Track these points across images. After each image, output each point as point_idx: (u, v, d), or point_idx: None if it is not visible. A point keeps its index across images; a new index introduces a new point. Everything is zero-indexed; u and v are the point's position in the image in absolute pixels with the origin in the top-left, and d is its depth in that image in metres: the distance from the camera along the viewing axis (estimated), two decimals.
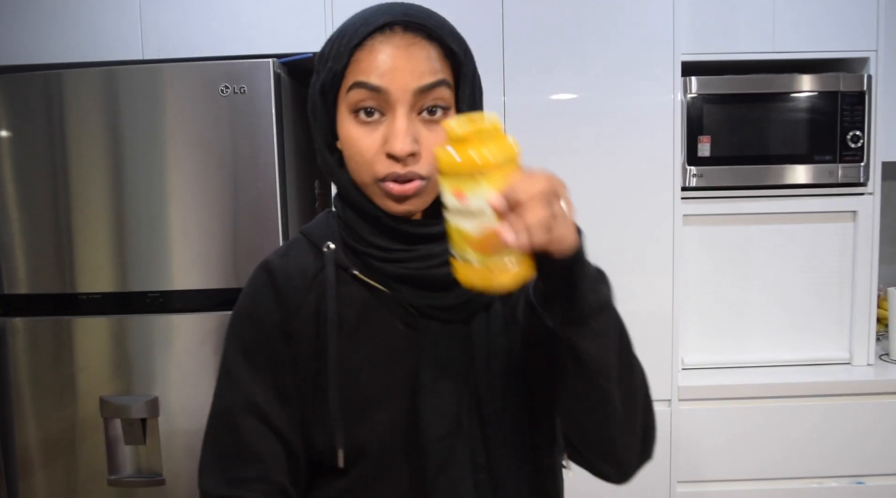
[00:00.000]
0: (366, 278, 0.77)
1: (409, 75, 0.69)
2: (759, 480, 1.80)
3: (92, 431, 1.67)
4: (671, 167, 1.70)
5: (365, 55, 0.70)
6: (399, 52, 0.70)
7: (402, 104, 0.70)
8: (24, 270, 1.67)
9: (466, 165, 0.59)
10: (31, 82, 1.63)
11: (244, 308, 0.80)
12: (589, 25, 1.68)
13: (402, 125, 0.70)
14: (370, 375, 0.75)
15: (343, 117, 0.73)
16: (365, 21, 0.71)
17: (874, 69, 1.80)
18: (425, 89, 0.70)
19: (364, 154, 0.71)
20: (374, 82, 0.69)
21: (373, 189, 0.73)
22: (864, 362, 1.87)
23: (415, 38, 0.71)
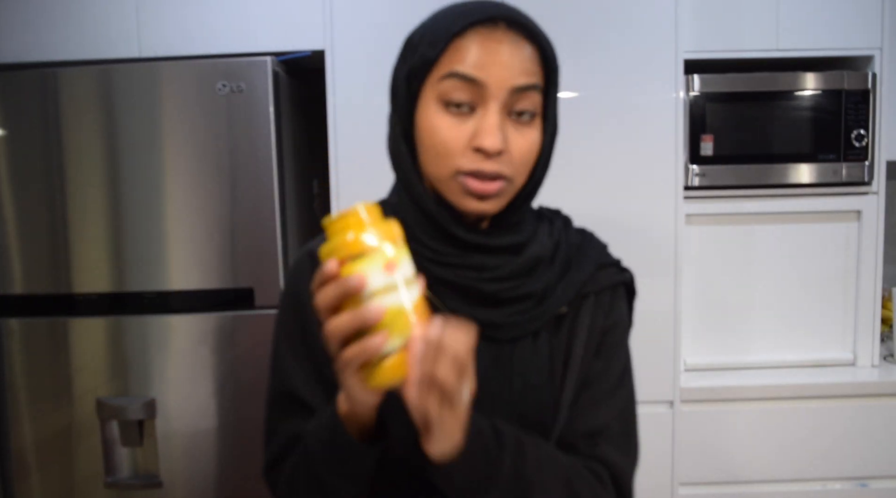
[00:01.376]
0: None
1: (509, 72, 0.68)
2: (762, 483, 1.79)
3: (88, 433, 1.65)
4: (673, 166, 1.69)
5: (465, 45, 0.68)
6: (502, 48, 0.68)
7: (497, 100, 0.68)
8: (20, 270, 1.65)
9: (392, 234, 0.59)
10: (27, 80, 1.62)
11: (285, 294, 0.82)
12: (590, 23, 1.67)
13: (496, 120, 0.68)
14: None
15: (428, 106, 0.70)
16: (467, 12, 0.69)
17: (878, 67, 1.78)
18: (521, 89, 0.69)
19: (449, 145, 0.69)
20: (472, 73, 0.67)
21: (450, 184, 0.71)
22: (868, 363, 1.86)
23: (517, 35, 0.69)
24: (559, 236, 0.79)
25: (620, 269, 0.81)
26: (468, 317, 0.71)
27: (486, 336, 0.72)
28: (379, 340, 0.55)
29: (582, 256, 0.79)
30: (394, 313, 0.56)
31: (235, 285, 1.63)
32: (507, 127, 0.69)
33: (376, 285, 0.56)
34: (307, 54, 1.70)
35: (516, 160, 0.70)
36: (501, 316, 0.72)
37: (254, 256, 1.63)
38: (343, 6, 1.67)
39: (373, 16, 1.67)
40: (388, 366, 0.57)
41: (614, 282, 0.79)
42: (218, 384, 1.64)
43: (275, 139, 1.61)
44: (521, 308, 0.73)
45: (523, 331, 0.73)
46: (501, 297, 0.72)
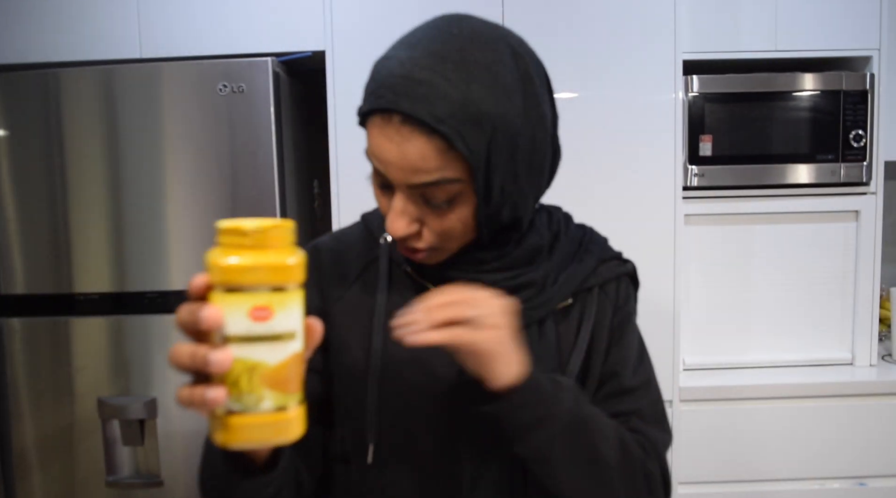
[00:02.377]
0: (418, 277, 0.76)
1: (402, 172, 0.64)
2: (761, 482, 1.79)
3: (90, 433, 1.66)
4: (672, 166, 1.69)
5: (368, 130, 0.66)
6: (391, 147, 0.63)
7: (401, 190, 0.66)
8: (21, 270, 1.66)
9: (282, 273, 0.47)
10: (29, 81, 1.62)
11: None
12: (590, 24, 1.67)
13: (397, 208, 0.66)
14: (412, 376, 0.74)
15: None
16: (375, 86, 0.64)
17: (877, 68, 1.79)
18: (419, 186, 0.64)
19: (383, 210, 0.70)
20: (376, 165, 0.67)
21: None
22: (866, 363, 1.86)
23: (413, 131, 0.62)
24: (558, 228, 0.80)
25: (622, 261, 0.82)
26: None
27: None
28: (214, 394, 0.46)
29: (584, 251, 0.79)
30: (244, 369, 0.47)
31: None
32: (422, 208, 0.67)
33: (234, 331, 0.46)
34: (308, 55, 1.71)
35: (437, 236, 0.68)
36: None
37: None
38: (343, 7, 1.68)
39: (373, 16, 1.67)
40: (234, 426, 0.47)
41: (617, 273, 0.80)
42: None
43: (275, 139, 1.62)
44: (523, 297, 0.73)
45: (528, 318, 0.73)
46: (502, 287, 0.72)
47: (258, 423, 0.48)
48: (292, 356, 0.48)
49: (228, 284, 0.47)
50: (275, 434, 0.48)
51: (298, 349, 0.49)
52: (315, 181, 1.98)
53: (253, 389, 0.47)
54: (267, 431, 0.48)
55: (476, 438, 0.72)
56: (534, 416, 0.64)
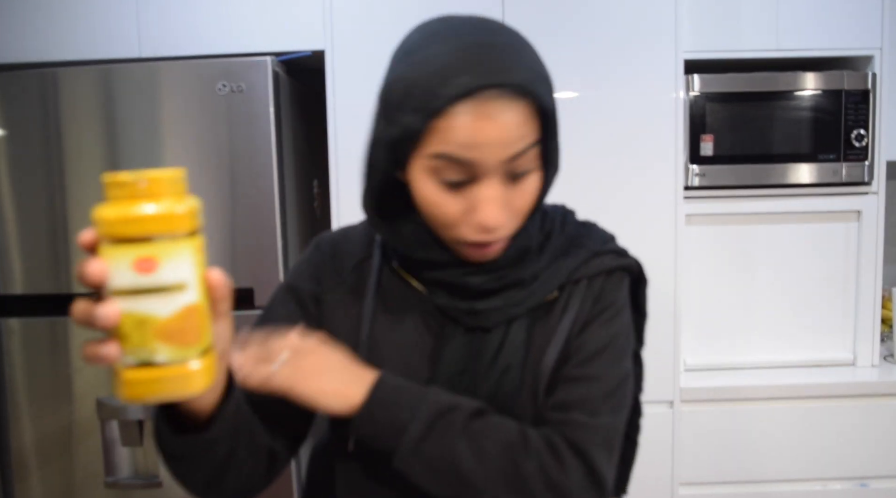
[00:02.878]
0: (405, 274, 0.77)
1: (500, 147, 0.63)
2: (762, 483, 1.79)
3: (88, 433, 1.66)
4: (673, 166, 1.69)
5: (450, 124, 0.62)
6: (486, 124, 0.62)
7: (493, 173, 0.65)
8: (20, 270, 1.65)
9: (165, 222, 0.45)
10: (27, 81, 1.62)
11: (288, 277, 0.84)
12: (590, 23, 1.67)
13: (495, 195, 0.65)
14: (394, 366, 0.75)
15: (420, 175, 0.67)
16: (446, 77, 0.61)
17: (878, 67, 1.78)
18: (516, 157, 0.64)
19: (448, 219, 0.67)
20: (465, 156, 0.63)
21: (452, 244, 0.71)
22: (868, 363, 1.86)
23: (508, 100, 0.62)
24: (551, 227, 0.79)
25: (620, 255, 0.79)
26: (454, 310, 0.74)
27: (467, 325, 0.74)
28: (107, 350, 0.45)
29: (576, 246, 0.78)
30: (134, 323, 0.45)
31: (235, 285, 1.63)
32: (507, 191, 0.67)
33: (119, 284, 0.44)
34: (307, 54, 1.70)
35: (517, 216, 0.69)
36: (483, 305, 0.73)
37: (254, 255, 1.63)
38: (343, 6, 1.67)
39: (373, 16, 1.67)
40: (131, 381, 0.46)
41: (609, 267, 0.77)
42: None
43: (275, 139, 1.61)
44: (505, 297, 0.74)
45: (503, 317, 0.73)
46: (486, 288, 0.73)
47: (155, 377, 0.46)
48: (186, 308, 0.46)
49: (111, 235, 0.44)
50: (175, 388, 0.47)
51: (193, 300, 0.47)
52: (315, 181, 1.98)
53: (145, 343, 0.45)
54: (165, 385, 0.47)
55: None
56: (379, 430, 0.68)
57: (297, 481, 1.68)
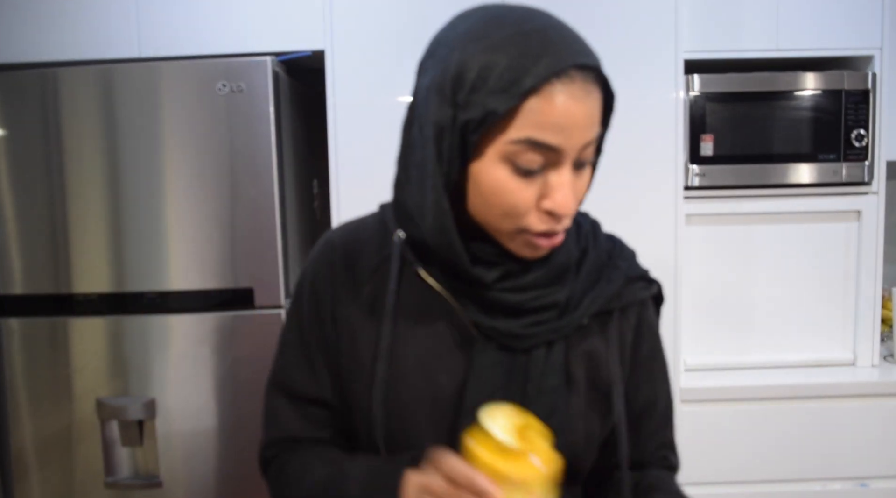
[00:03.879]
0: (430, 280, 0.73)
1: (583, 131, 0.62)
2: (763, 483, 1.79)
3: (88, 433, 1.66)
4: (673, 166, 1.69)
5: (542, 106, 0.60)
6: (578, 106, 0.61)
7: (570, 160, 0.63)
8: (20, 270, 1.65)
9: (542, 478, 0.59)
10: (27, 80, 1.62)
11: (302, 283, 0.79)
12: (591, 23, 1.67)
13: (570, 182, 0.64)
14: (417, 380, 0.72)
15: (490, 162, 0.64)
16: (536, 57, 0.60)
17: (879, 67, 1.78)
18: (591, 143, 0.64)
19: (519, 208, 0.64)
20: (549, 141, 0.61)
21: (511, 237, 0.68)
22: (868, 363, 1.86)
23: (589, 84, 0.62)
24: (586, 243, 0.77)
25: (649, 281, 0.81)
26: (487, 326, 0.71)
27: (501, 345, 0.71)
28: None
29: (613, 267, 0.77)
30: None
31: (235, 285, 1.63)
32: (573, 179, 0.66)
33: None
34: (307, 54, 1.70)
35: (577, 205, 0.69)
36: (521, 326, 0.70)
37: (254, 256, 1.63)
38: (343, 6, 1.67)
39: (373, 16, 1.67)
40: None
41: (642, 298, 0.79)
42: (218, 384, 1.64)
43: (275, 139, 1.61)
44: (543, 318, 0.71)
45: (541, 341, 0.71)
46: (524, 307, 0.70)
47: None
48: None
49: (517, 481, 0.59)
50: None
51: None
52: (314, 181, 1.98)
53: None
54: None
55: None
56: None
57: None
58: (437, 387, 0.72)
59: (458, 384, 0.71)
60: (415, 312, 0.73)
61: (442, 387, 0.72)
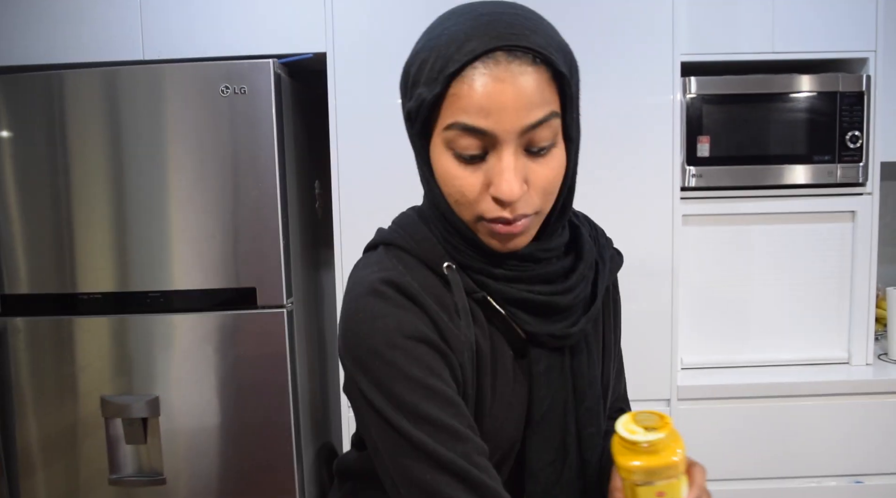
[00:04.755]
0: (495, 304, 0.70)
1: (515, 114, 0.60)
2: (758, 480, 1.81)
3: (93, 431, 1.67)
4: (670, 167, 1.70)
5: (464, 90, 0.60)
6: (503, 87, 0.59)
7: (509, 144, 0.61)
8: (25, 269, 1.67)
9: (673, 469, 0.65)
10: (32, 83, 1.63)
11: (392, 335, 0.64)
12: (588, 26, 1.69)
13: (510, 167, 0.61)
14: (495, 408, 0.71)
15: (438, 150, 0.65)
16: (461, 44, 0.60)
17: (873, 69, 1.80)
18: (534, 126, 0.61)
19: (467, 195, 0.64)
20: (475, 124, 0.60)
21: (475, 226, 0.67)
22: (862, 362, 1.87)
23: (520, 65, 0.60)
24: (594, 233, 0.83)
25: (619, 253, 0.86)
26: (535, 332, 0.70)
27: (549, 346, 0.71)
28: None
29: (602, 248, 0.82)
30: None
31: (238, 285, 1.65)
32: (526, 163, 0.63)
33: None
34: (309, 57, 1.72)
35: (541, 193, 0.65)
36: (568, 326, 0.71)
37: (256, 256, 1.64)
38: (344, 9, 1.69)
39: (374, 18, 1.69)
40: None
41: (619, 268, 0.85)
42: (221, 382, 1.66)
43: (277, 140, 1.63)
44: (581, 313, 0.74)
45: (578, 336, 0.73)
46: (569, 306, 0.71)
47: None
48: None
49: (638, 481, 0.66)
50: None
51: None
52: (316, 182, 1.99)
53: None
54: None
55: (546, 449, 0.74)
56: None
57: (297, 482, 1.70)
58: (509, 409, 0.72)
59: (523, 399, 0.72)
60: (482, 341, 0.70)
61: (513, 407, 0.72)
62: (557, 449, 0.73)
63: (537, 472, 0.72)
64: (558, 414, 0.73)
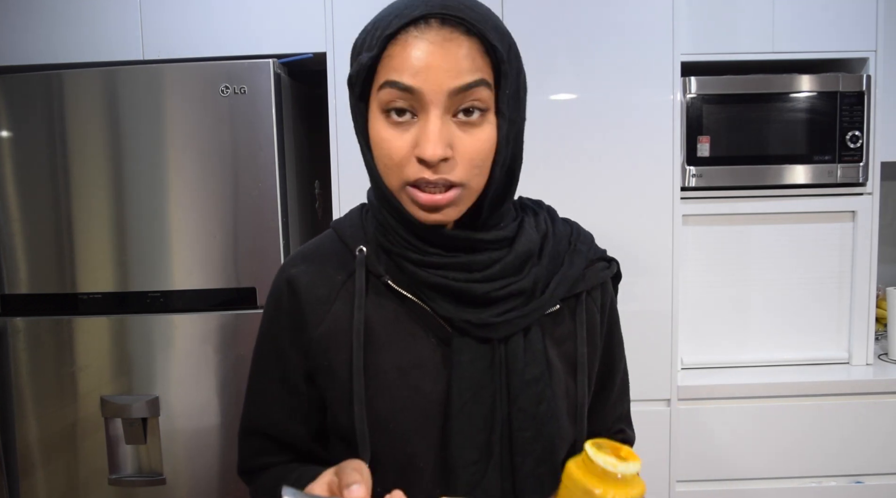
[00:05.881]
0: (399, 288, 0.74)
1: (445, 74, 0.64)
2: (758, 480, 1.81)
3: (93, 431, 1.67)
4: (670, 167, 1.70)
5: (398, 51, 0.65)
6: (434, 48, 0.64)
7: (436, 106, 0.64)
8: (25, 269, 1.67)
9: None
10: (32, 83, 1.63)
11: (264, 324, 0.81)
12: (588, 26, 1.69)
13: (435, 128, 0.64)
14: (399, 391, 0.73)
15: (374, 115, 0.68)
16: (400, 12, 0.65)
17: (873, 69, 1.80)
18: (461, 89, 0.64)
19: (393, 157, 0.67)
20: (405, 82, 0.64)
21: (400, 195, 0.69)
22: (862, 362, 1.88)
23: (452, 32, 0.64)
24: (546, 228, 0.79)
25: (608, 261, 0.83)
26: (459, 320, 0.71)
27: (478, 337, 0.72)
28: None
29: (573, 251, 0.79)
30: None
31: (238, 285, 1.65)
32: (453, 130, 0.66)
33: None
34: (309, 56, 1.72)
35: (467, 163, 0.67)
36: (493, 315, 0.71)
37: (256, 255, 1.64)
38: (344, 8, 1.69)
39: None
40: None
41: (604, 279, 0.81)
42: (220, 382, 1.66)
43: (277, 140, 1.63)
44: (512, 305, 0.72)
45: (515, 328, 0.72)
46: (492, 297, 0.71)
47: None
48: None
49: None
50: None
51: None
52: (316, 182, 1.99)
53: None
54: None
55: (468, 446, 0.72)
56: None
57: None
58: (420, 395, 0.73)
59: (444, 387, 0.72)
60: (389, 324, 0.74)
61: (426, 393, 0.73)
62: (481, 449, 0.71)
63: (458, 470, 0.71)
64: (483, 410, 0.71)
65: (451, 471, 0.71)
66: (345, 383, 0.74)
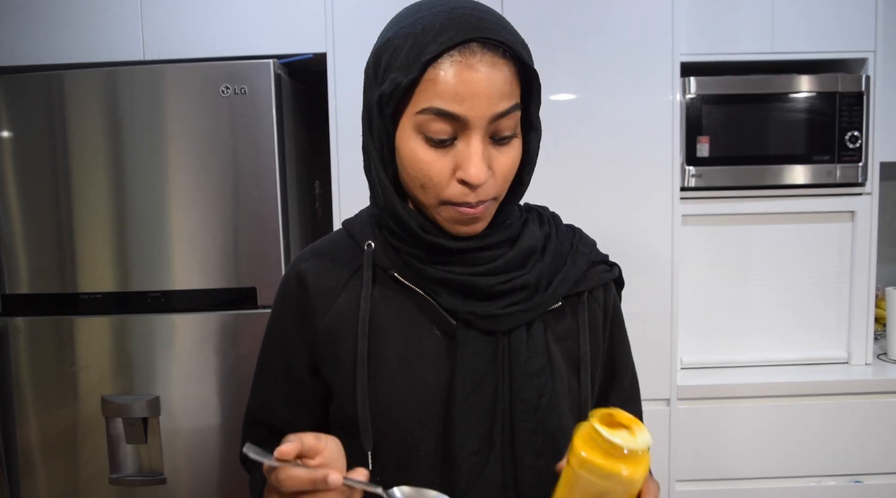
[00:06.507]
0: (405, 280, 0.76)
1: (487, 102, 0.65)
2: (758, 479, 1.81)
3: (93, 430, 1.68)
4: (670, 167, 1.71)
5: (440, 75, 0.64)
6: (479, 77, 0.64)
7: (478, 130, 0.66)
8: (26, 269, 1.67)
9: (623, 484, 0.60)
10: (33, 83, 1.64)
11: (272, 316, 0.84)
12: (588, 26, 1.69)
13: (478, 152, 0.66)
14: (402, 380, 0.74)
15: (408, 135, 0.68)
16: (436, 32, 0.65)
17: (872, 70, 1.81)
18: (501, 115, 0.66)
19: (433, 178, 0.68)
20: (451, 110, 0.65)
21: (437, 211, 0.71)
22: (862, 362, 1.88)
23: (493, 57, 0.65)
24: (549, 228, 0.81)
25: (609, 265, 0.84)
26: (464, 313, 0.73)
27: (482, 329, 0.73)
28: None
29: (576, 252, 0.80)
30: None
31: (238, 285, 1.65)
32: (490, 152, 0.68)
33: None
34: (309, 57, 1.72)
35: (500, 180, 0.70)
36: (497, 308, 0.73)
37: (256, 256, 1.65)
38: (344, 9, 1.69)
39: (374, 18, 1.68)
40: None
41: (605, 280, 0.82)
42: (221, 382, 1.66)
43: (277, 141, 1.63)
44: (516, 299, 0.74)
45: (519, 321, 0.74)
46: (496, 290, 0.73)
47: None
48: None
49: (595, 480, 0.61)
50: None
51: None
52: (316, 182, 2.00)
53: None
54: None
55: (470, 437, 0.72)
56: None
57: None
58: (424, 384, 0.74)
59: (447, 377, 0.73)
60: (394, 316, 0.76)
61: (429, 383, 0.74)
62: (483, 439, 0.72)
63: (459, 459, 0.71)
64: (485, 401, 0.72)
65: (452, 460, 0.72)
66: (349, 372, 0.75)
